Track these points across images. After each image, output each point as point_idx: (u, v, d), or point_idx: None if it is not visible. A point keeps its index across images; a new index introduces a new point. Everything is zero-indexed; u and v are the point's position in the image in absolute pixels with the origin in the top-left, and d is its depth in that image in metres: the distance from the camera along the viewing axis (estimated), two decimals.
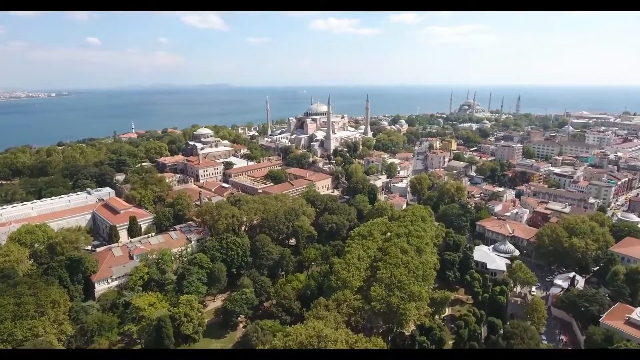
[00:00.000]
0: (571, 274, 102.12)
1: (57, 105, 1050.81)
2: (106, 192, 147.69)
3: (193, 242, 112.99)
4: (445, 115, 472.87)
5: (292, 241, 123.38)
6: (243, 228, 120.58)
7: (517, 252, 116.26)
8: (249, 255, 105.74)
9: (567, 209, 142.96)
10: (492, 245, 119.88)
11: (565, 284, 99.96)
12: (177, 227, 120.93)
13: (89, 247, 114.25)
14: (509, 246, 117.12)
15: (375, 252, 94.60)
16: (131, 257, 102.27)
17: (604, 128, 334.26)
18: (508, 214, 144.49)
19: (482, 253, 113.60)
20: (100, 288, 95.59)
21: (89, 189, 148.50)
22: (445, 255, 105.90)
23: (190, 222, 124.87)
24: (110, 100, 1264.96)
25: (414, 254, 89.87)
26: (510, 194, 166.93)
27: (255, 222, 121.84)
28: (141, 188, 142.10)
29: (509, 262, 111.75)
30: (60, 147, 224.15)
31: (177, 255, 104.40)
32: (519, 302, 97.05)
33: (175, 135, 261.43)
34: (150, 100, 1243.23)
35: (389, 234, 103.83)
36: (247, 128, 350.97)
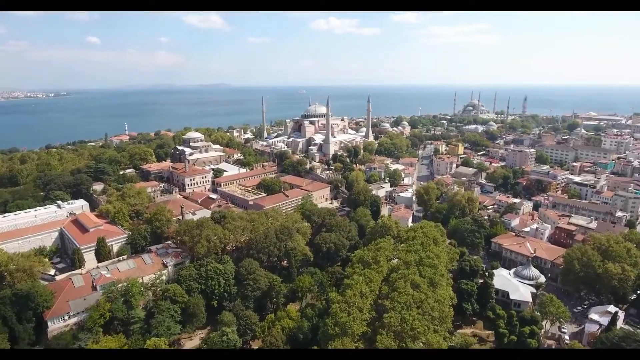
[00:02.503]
0: (611, 308, 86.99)
1: (54, 106, 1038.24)
2: (79, 205, 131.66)
3: (169, 268, 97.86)
4: (449, 117, 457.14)
5: (285, 262, 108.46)
6: (228, 248, 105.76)
7: (542, 279, 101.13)
8: (232, 284, 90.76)
9: (593, 224, 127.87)
10: (514, 270, 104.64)
11: (604, 320, 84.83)
12: (152, 248, 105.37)
13: (52, 272, 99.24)
14: (534, 271, 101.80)
15: (380, 285, 79.61)
16: (94, 288, 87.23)
17: (616, 130, 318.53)
18: (527, 229, 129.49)
19: (502, 280, 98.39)
20: (54, 327, 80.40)
21: (59, 202, 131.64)
22: (462, 285, 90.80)
23: (169, 242, 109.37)
24: (109, 101, 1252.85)
25: (427, 289, 74.95)
26: (527, 206, 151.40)
27: (242, 241, 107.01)
28: (117, 201, 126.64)
29: (534, 290, 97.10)
30: (35, 153, 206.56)
31: (148, 285, 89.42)
32: (553, 347, 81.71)
33: (166, 139, 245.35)
34: (150, 101, 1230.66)
35: (396, 260, 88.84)
36: (242, 130, 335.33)
